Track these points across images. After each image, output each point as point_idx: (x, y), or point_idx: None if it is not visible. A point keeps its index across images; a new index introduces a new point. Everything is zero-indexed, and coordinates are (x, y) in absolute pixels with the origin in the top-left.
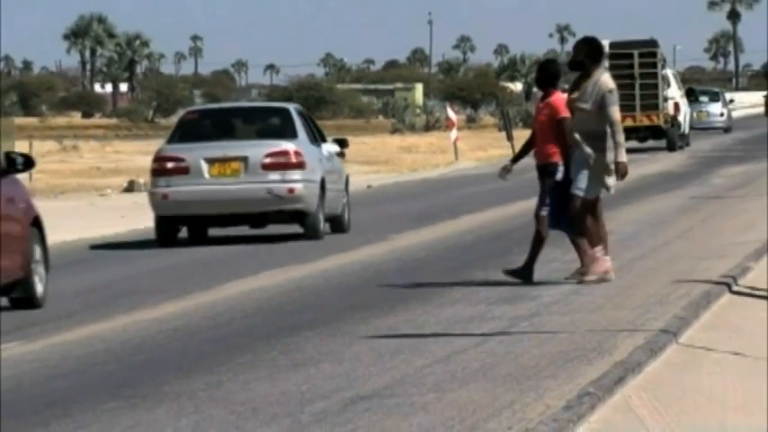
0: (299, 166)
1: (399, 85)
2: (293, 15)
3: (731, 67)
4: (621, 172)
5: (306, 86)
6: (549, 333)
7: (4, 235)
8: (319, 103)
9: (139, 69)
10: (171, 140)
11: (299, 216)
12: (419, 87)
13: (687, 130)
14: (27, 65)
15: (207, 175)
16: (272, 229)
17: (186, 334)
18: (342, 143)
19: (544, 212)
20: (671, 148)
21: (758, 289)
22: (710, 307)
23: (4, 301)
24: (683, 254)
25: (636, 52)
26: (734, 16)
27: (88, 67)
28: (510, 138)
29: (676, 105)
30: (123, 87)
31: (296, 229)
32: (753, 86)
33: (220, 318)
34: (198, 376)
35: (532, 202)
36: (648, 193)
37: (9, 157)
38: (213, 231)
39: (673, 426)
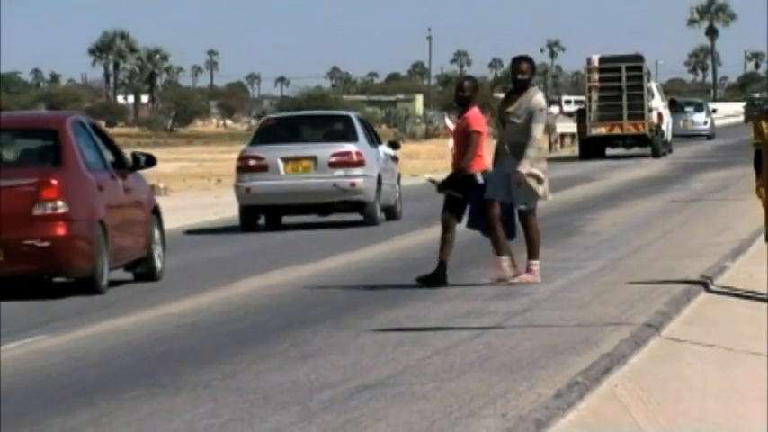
0: (360, 164)
1: (401, 96)
2: (302, 31)
3: (709, 79)
4: (516, 180)
5: (314, 97)
6: (540, 327)
7: (132, 220)
8: None
9: (159, 82)
10: (253, 143)
11: (360, 206)
12: (419, 98)
13: (670, 138)
14: (55, 77)
15: (282, 172)
16: (335, 216)
17: (203, 328)
18: (394, 145)
19: (446, 214)
20: (655, 154)
21: (735, 289)
22: (690, 303)
23: (125, 276)
24: (665, 253)
25: (623, 66)
26: (712, 32)
27: (111, 79)
28: None
29: (660, 115)
30: (144, 99)
31: (356, 216)
32: (729, 97)
33: (235, 312)
34: (214, 367)
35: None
36: (633, 196)
37: (135, 156)
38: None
39: (655, 413)
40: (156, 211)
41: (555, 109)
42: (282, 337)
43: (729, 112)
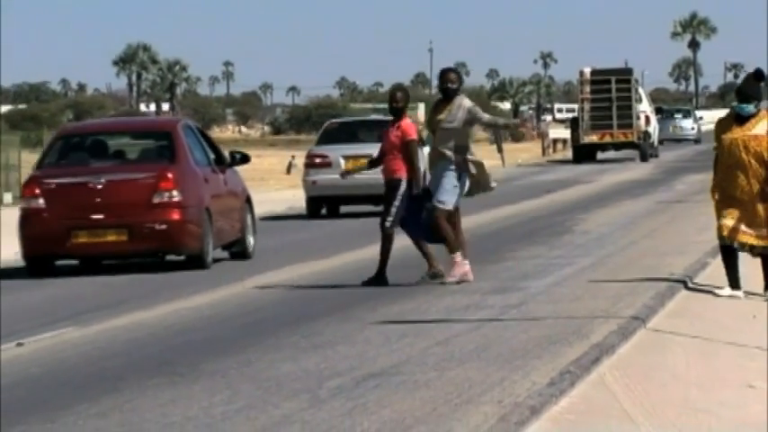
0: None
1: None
2: (312, 44)
3: (691, 88)
4: (474, 162)
5: (323, 105)
6: (534, 320)
7: (230, 208)
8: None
9: (179, 91)
10: (318, 143)
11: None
12: (421, 106)
13: (656, 143)
14: (81, 87)
15: (344, 167)
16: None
17: (219, 320)
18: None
19: (388, 223)
20: (643, 158)
21: (715, 287)
22: (674, 297)
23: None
24: (651, 251)
25: (613, 78)
26: (694, 45)
27: (135, 89)
28: (500, 150)
29: (647, 118)
30: (165, 106)
31: None
32: (710, 105)
33: (249, 306)
34: (230, 357)
35: (521, 206)
36: (621, 197)
37: (232, 154)
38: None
39: (641, 399)
40: (248, 200)
41: (548, 117)
42: (294, 329)
43: (713, 118)
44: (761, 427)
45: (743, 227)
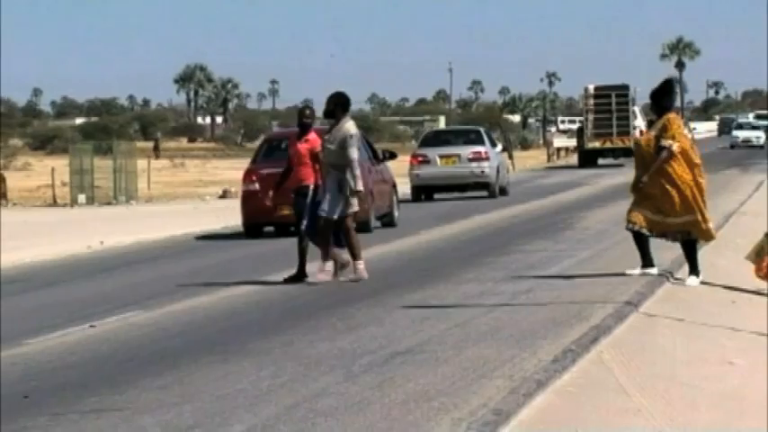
0: (486, 158)
1: (427, 117)
2: (347, 64)
3: (678, 103)
4: (359, 197)
5: (356, 118)
6: (541, 305)
7: (383, 191)
8: (367, 131)
9: (231, 106)
10: (420, 146)
11: (486, 186)
12: (442, 119)
13: None
14: (146, 102)
15: (439, 164)
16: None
17: (265, 306)
18: (505, 148)
19: (303, 225)
20: None
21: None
22: (663, 285)
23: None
24: None
25: (613, 93)
26: (680, 65)
27: (192, 104)
28: (510, 157)
29: (641, 132)
30: (219, 119)
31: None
32: (694, 118)
33: (292, 293)
34: (274, 337)
35: (528, 206)
36: (617, 198)
37: (383, 152)
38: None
39: (634, 374)
40: (394, 186)
41: (553, 128)
42: (331, 312)
43: (702, 129)
44: (740, 400)
45: (649, 214)
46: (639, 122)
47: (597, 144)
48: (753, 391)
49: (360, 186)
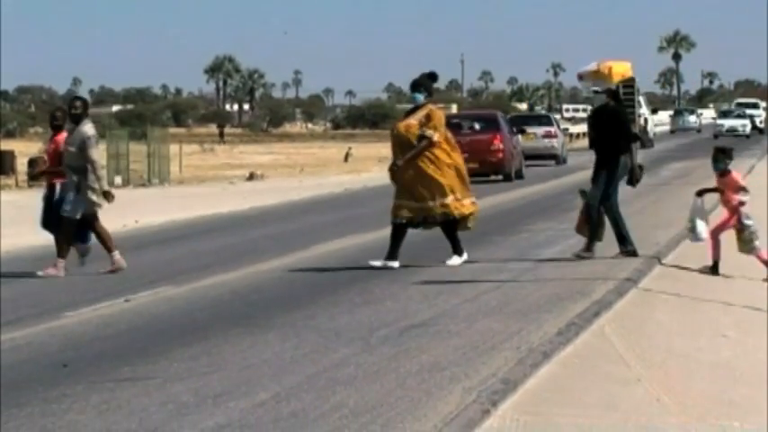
0: (555, 136)
1: (440, 105)
2: (366, 55)
3: (674, 92)
4: (110, 197)
5: (375, 106)
6: (546, 281)
7: (516, 154)
8: (384, 119)
9: (257, 94)
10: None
11: (555, 157)
12: (454, 107)
13: (652, 136)
14: (178, 91)
15: (521, 140)
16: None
17: (288, 281)
18: (522, 131)
19: (64, 212)
20: (642, 146)
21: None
22: (661, 262)
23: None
24: (640, 225)
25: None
26: (677, 57)
27: (221, 92)
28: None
29: (645, 120)
30: (246, 107)
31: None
32: (690, 106)
33: (314, 269)
34: (297, 311)
35: (535, 188)
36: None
37: (515, 128)
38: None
39: (633, 346)
40: (522, 152)
41: (558, 116)
42: (350, 287)
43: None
44: (732, 370)
45: (411, 204)
46: (644, 110)
47: None
48: (744, 362)
49: (105, 186)
